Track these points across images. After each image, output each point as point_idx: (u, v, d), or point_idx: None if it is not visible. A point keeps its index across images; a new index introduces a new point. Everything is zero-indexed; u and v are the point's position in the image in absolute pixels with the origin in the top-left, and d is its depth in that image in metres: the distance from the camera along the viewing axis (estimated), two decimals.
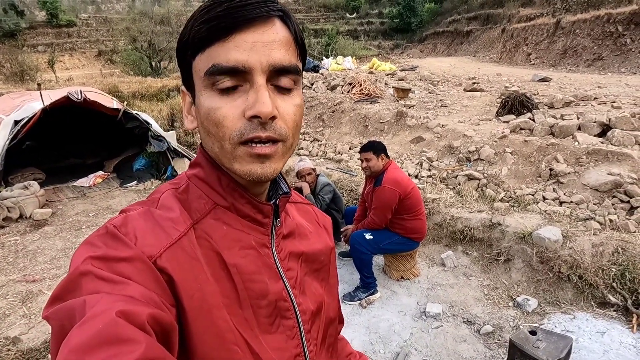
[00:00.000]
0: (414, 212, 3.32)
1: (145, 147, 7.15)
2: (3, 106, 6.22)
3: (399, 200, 3.22)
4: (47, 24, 33.78)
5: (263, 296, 0.63)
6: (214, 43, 0.55)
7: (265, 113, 0.54)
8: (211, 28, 0.54)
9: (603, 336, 2.73)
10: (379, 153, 3.29)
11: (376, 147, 3.31)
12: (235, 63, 0.54)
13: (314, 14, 42.98)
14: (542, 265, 3.33)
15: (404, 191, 3.23)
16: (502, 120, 6.46)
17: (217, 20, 0.54)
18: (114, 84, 12.90)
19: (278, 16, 0.57)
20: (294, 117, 0.59)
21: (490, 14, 29.08)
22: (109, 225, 0.56)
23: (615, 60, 14.67)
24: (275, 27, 0.56)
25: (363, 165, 3.37)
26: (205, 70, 0.55)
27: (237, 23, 0.54)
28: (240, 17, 0.53)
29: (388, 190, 3.20)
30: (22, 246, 4.50)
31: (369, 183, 3.51)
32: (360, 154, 3.39)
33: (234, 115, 0.55)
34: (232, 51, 0.54)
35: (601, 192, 4.09)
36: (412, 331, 2.98)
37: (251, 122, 0.55)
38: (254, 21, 0.54)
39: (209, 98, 0.56)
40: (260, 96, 0.54)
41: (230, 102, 0.56)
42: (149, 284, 0.51)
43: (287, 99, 0.59)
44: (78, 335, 0.41)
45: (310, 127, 8.67)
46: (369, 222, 3.38)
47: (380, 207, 3.27)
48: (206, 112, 0.57)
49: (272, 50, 0.55)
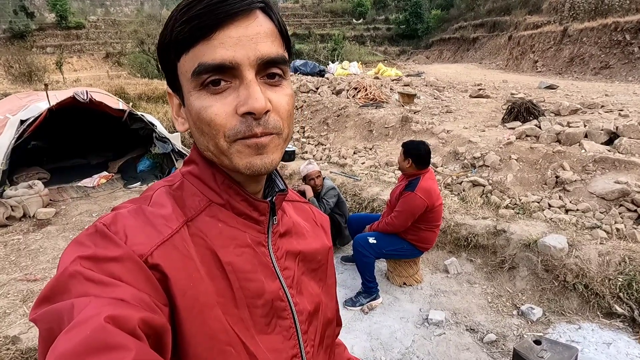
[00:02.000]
0: (432, 225, 3.27)
1: (150, 149, 7.17)
2: (10, 106, 6.26)
3: (424, 211, 3.16)
4: (56, 26, 34.18)
5: (259, 295, 0.62)
6: (198, 42, 0.53)
7: (259, 109, 0.53)
8: (193, 27, 0.53)
9: (609, 347, 2.68)
10: (407, 155, 3.17)
11: (408, 148, 3.19)
12: (222, 60, 0.53)
13: (320, 19, 43.19)
14: (547, 274, 3.28)
15: (432, 204, 3.16)
16: (507, 127, 6.42)
17: (199, 18, 0.52)
18: (121, 85, 12.95)
19: (260, 8, 0.56)
20: (287, 107, 0.58)
21: (496, 21, 29.09)
22: (99, 223, 0.54)
23: (622, 68, 14.58)
24: (259, 20, 0.55)
25: (399, 158, 3.30)
26: (192, 70, 0.54)
27: (219, 20, 0.52)
28: (222, 13, 0.52)
29: (418, 199, 3.11)
30: (25, 245, 4.50)
31: (401, 180, 3.39)
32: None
33: (226, 113, 0.54)
34: (218, 49, 0.53)
35: (608, 200, 4.04)
36: (414, 338, 2.94)
37: (245, 119, 0.54)
38: (236, 16, 0.53)
39: (199, 98, 0.55)
40: (252, 92, 0.53)
41: (221, 99, 0.54)
42: (139, 285, 0.49)
43: (278, 90, 0.58)
44: (65, 342, 0.40)
45: (314, 131, 8.66)
46: (387, 222, 3.31)
47: (404, 212, 3.18)
48: (197, 112, 0.56)
49: (258, 43, 0.54)
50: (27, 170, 6.47)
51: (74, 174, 7.02)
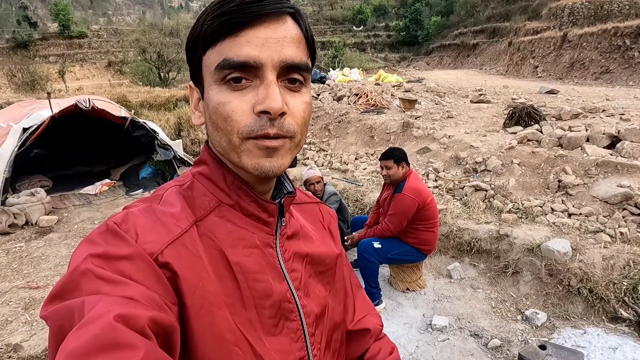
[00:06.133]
0: (429, 224, 3.28)
1: (152, 156, 7.19)
2: (13, 114, 6.31)
3: (416, 210, 3.18)
4: (59, 35, 34.54)
5: (267, 296, 0.62)
6: (225, 38, 0.55)
7: (275, 109, 0.54)
8: (223, 22, 0.54)
9: (615, 352, 2.65)
10: (399, 161, 3.23)
11: (397, 155, 3.24)
12: (246, 58, 0.54)
13: (321, 27, 43.50)
14: (551, 278, 3.26)
15: (423, 201, 3.18)
16: (509, 132, 6.41)
17: (230, 15, 0.54)
18: (123, 93, 13.02)
19: (290, 14, 0.57)
20: (303, 114, 0.59)
21: (496, 27, 29.25)
22: (110, 222, 0.55)
23: (623, 73, 14.60)
24: (287, 25, 0.57)
25: (383, 172, 3.32)
26: (216, 64, 0.55)
27: (249, 18, 0.54)
28: (253, 13, 0.54)
29: (408, 199, 3.15)
30: (27, 253, 4.50)
31: (387, 189, 3.45)
32: (381, 162, 3.33)
33: (243, 110, 0.55)
34: (244, 46, 0.54)
35: (611, 204, 4.02)
36: (418, 344, 2.91)
37: (260, 118, 0.55)
38: (266, 17, 0.54)
39: (219, 93, 0.56)
40: (270, 92, 0.54)
41: (240, 96, 0.55)
42: (149, 283, 0.50)
43: (296, 96, 0.58)
44: (75, 339, 0.40)
45: (316, 137, 8.68)
46: (382, 227, 3.32)
47: (397, 214, 3.21)
48: (215, 106, 0.57)
49: (284, 46, 0.55)
50: (30, 178, 6.49)
51: (76, 182, 7.04)
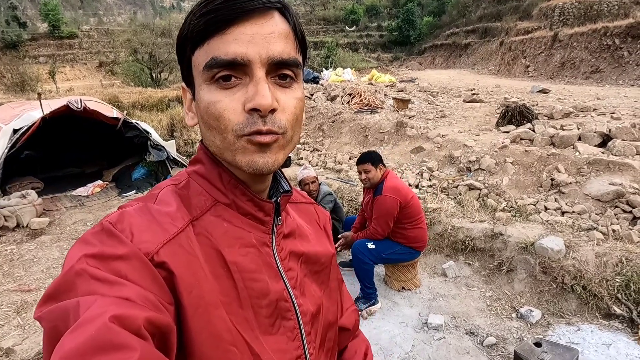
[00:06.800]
0: (414, 221, 3.29)
1: (145, 157, 7.14)
2: (3, 115, 6.22)
3: (400, 209, 3.20)
4: (49, 36, 34.11)
5: (264, 295, 0.61)
6: (212, 36, 0.54)
7: (264, 106, 0.53)
8: (209, 21, 0.54)
9: (609, 348, 2.68)
10: (377, 163, 3.25)
11: (374, 158, 3.27)
12: (234, 56, 0.53)
13: (313, 27, 43.48)
14: (545, 276, 3.29)
15: (404, 199, 3.20)
16: (502, 131, 6.46)
17: (215, 12, 0.53)
18: (115, 94, 12.92)
19: (277, 8, 0.56)
20: (294, 110, 0.58)
21: (488, 27, 29.42)
22: (105, 222, 0.54)
23: (612, 72, 14.78)
24: (274, 20, 0.56)
25: (362, 177, 3.32)
26: (205, 64, 0.55)
27: (235, 15, 0.53)
28: (239, 9, 0.53)
29: (389, 199, 3.17)
30: (18, 255, 4.44)
31: (368, 193, 3.47)
32: (358, 166, 3.34)
33: (234, 108, 0.55)
34: (231, 44, 0.53)
35: (603, 202, 4.06)
36: (414, 343, 2.92)
37: (251, 115, 0.54)
38: (252, 13, 0.54)
39: (209, 92, 0.56)
40: (259, 89, 0.54)
41: (230, 95, 0.55)
42: (145, 283, 0.49)
43: (287, 92, 0.58)
44: (70, 340, 0.39)
45: (310, 137, 8.67)
46: (371, 232, 3.34)
47: (381, 216, 3.23)
48: (206, 105, 0.56)
49: (271, 42, 0.55)
50: (21, 180, 6.40)
51: (67, 183, 6.96)
